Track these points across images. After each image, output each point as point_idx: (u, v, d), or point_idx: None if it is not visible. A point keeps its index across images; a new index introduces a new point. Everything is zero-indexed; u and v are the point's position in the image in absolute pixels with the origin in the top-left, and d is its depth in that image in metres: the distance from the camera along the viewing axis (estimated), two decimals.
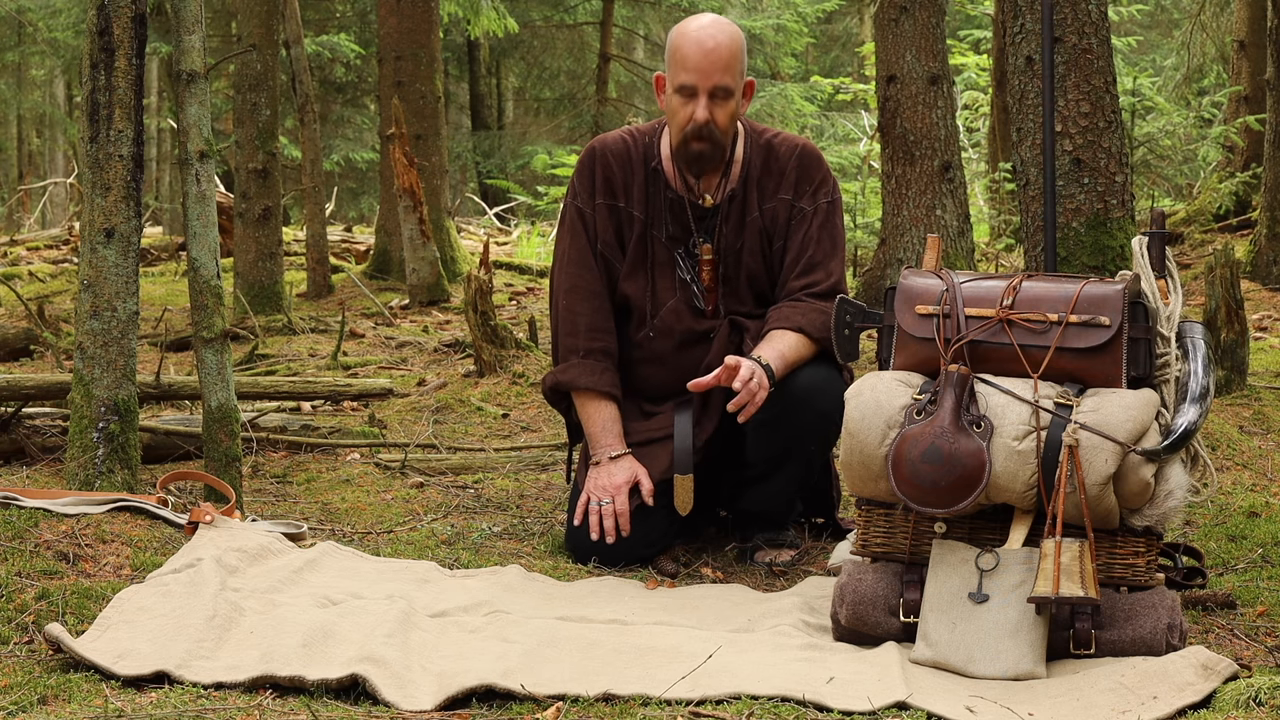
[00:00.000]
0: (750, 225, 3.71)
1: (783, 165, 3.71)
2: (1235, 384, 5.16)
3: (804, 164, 3.72)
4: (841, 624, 3.02)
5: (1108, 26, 5.52)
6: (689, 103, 3.57)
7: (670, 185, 3.72)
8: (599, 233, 3.74)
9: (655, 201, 3.72)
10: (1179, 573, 3.30)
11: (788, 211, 3.71)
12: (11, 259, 12.67)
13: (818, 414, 3.54)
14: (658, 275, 3.73)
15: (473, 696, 2.63)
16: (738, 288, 3.73)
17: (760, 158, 3.72)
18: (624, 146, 3.75)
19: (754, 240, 3.71)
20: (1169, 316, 3.04)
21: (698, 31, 3.57)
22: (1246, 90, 11.10)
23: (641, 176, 3.73)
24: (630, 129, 3.81)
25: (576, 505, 3.68)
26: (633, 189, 3.72)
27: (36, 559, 3.26)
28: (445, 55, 16.72)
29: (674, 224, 3.72)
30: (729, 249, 3.71)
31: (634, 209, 3.72)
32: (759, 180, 3.71)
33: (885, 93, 6.86)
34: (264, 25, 9.01)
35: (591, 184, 3.74)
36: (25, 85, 20.68)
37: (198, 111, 3.96)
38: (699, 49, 3.54)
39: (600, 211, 3.73)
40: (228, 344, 3.97)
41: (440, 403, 5.69)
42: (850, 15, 21.11)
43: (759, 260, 3.72)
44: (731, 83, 3.57)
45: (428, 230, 9.16)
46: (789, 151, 3.73)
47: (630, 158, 3.73)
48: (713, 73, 3.54)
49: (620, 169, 3.73)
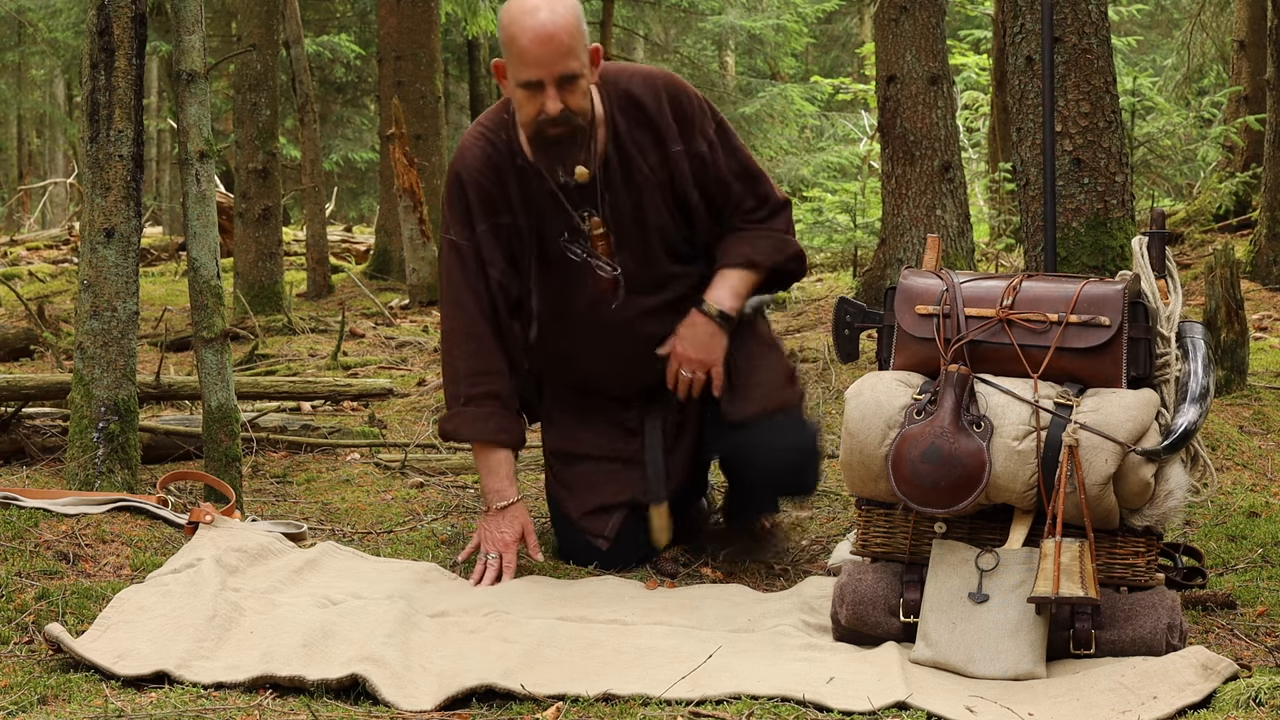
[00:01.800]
0: (645, 183, 3.50)
1: (653, 113, 3.49)
2: (1235, 384, 5.16)
3: (676, 105, 3.49)
4: (841, 624, 3.02)
5: (1108, 26, 5.52)
6: (537, 95, 3.33)
7: (541, 176, 3.48)
8: (487, 260, 3.52)
9: (536, 198, 3.51)
10: (1179, 573, 3.30)
11: (688, 162, 3.51)
12: (11, 259, 12.67)
13: (773, 481, 3.58)
14: (564, 273, 3.55)
15: (473, 696, 2.63)
16: (648, 249, 3.54)
17: (625, 112, 3.49)
18: (486, 157, 3.50)
19: (654, 196, 3.51)
20: (1169, 316, 3.04)
21: (532, 20, 3.28)
22: (1246, 90, 11.10)
23: (514, 180, 3.50)
24: (482, 131, 3.54)
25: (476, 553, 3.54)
26: (511, 197, 3.50)
27: (36, 559, 3.26)
28: (445, 55, 16.70)
29: (559, 214, 3.51)
30: (622, 213, 3.51)
31: (518, 218, 3.51)
32: (632, 135, 3.49)
33: (885, 93, 6.86)
34: (264, 25, 9.02)
35: (467, 213, 3.51)
36: (25, 85, 20.69)
37: (198, 111, 3.96)
38: (537, 41, 3.27)
39: (484, 239, 3.51)
40: (228, 344, 3.97)
41: (440, 403, 5.69)
42: (850, 15, 21.12)
43: (667, 215, 3.54)
44: (578, 66, 3.32)
45: (428, 230, 9.16)
46: (653, 96, 3.48)
47: (496, 166, 3.50)
48: (555, 62, 3.29)
49: (491, 183, 3.50)
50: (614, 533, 3.62)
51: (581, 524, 3.64)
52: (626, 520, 3.64)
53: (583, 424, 3.72)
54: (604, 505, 3.64)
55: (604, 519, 3.64)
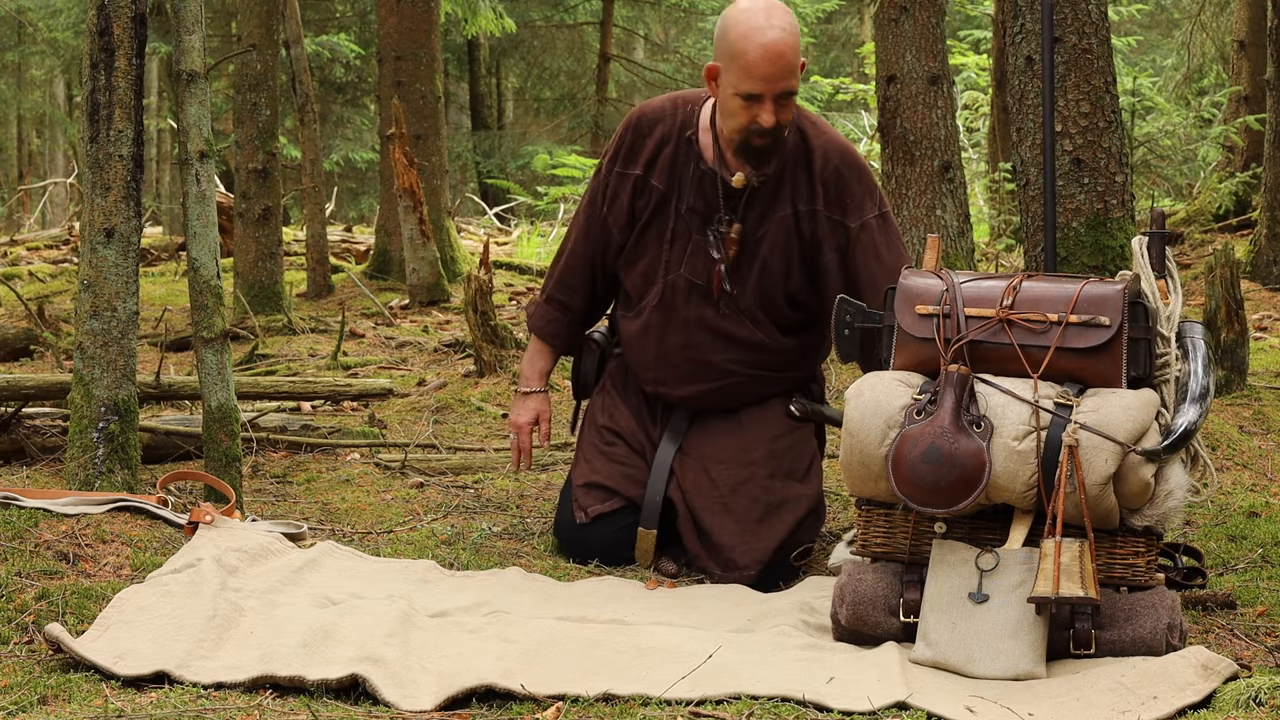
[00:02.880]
0: (779, 220, 3.61)
1: (817, 168, 3.59)
2: (1235, 384, 5.16)
3: (843, 176, 3.59)
4: (841, 624, 3.02)
5: (1108, 26, 5.52)
6: (753, 107, 3.45)
7: (703, 158, 3.62)
8: (609, 198, 3.72)
9: (681, 173, 3.64)
10: (1179, 573, 3.30)
11: (835, 233, 3.59)
12: (11, 259, 12.67)
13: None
14: (668, 247, 3.66)
15: (473, 696, 2.63)
16: (746, 276, 3.63)
17: (797, 150, 3.60)
18: (662, 114, 3.68)
19: (779, 234, 3.61)
20: (1169, 316, 3.04)
21: (764, 37, 3.40)
22: (1246, 90, 11.10)
23: (673, 146, 3.65)
24: (676, 96, 3.73)
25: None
26: (659, 157, 3.65)
27: (36, 559, 3.26)
28: (445, 55, 16.71)
29: (698, 198, 3.63)
30: (749, 235, 3.61)
31: (654, 179, 3.66)
32: (792, 174, 3.60)
33: (885, 93, 6.86)
34: (264, 25, 9.01)
35: (617, 150, 3.72)
36: (25, 85, 20.68)
37: (198, 111, 3.96)
38: (767, 59, 3.40)
39: (614, 179, 3.71)
40: (228, 344, 3.97)
41: (440, 403, 5.69)
42: (850, 15, 21.11)
43: (779, 256, 3.62)
44: (796, 84, 3.47)
45: (428, 230, 9.16)
46: (824, 153, 3.60)
47: (666, 125, 3.66)
48: (780, 80, 3.42)
49: (652, 137, 3.66)
50: (596, 515, 3.67)
51: (576, 492, 3.73)
52: (616, 513, 3.68)
53: (625, 403, 3.82)
54: (605, 486, 3.70)
55: (597, 498, 3.69)
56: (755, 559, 3.54)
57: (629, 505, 3.67)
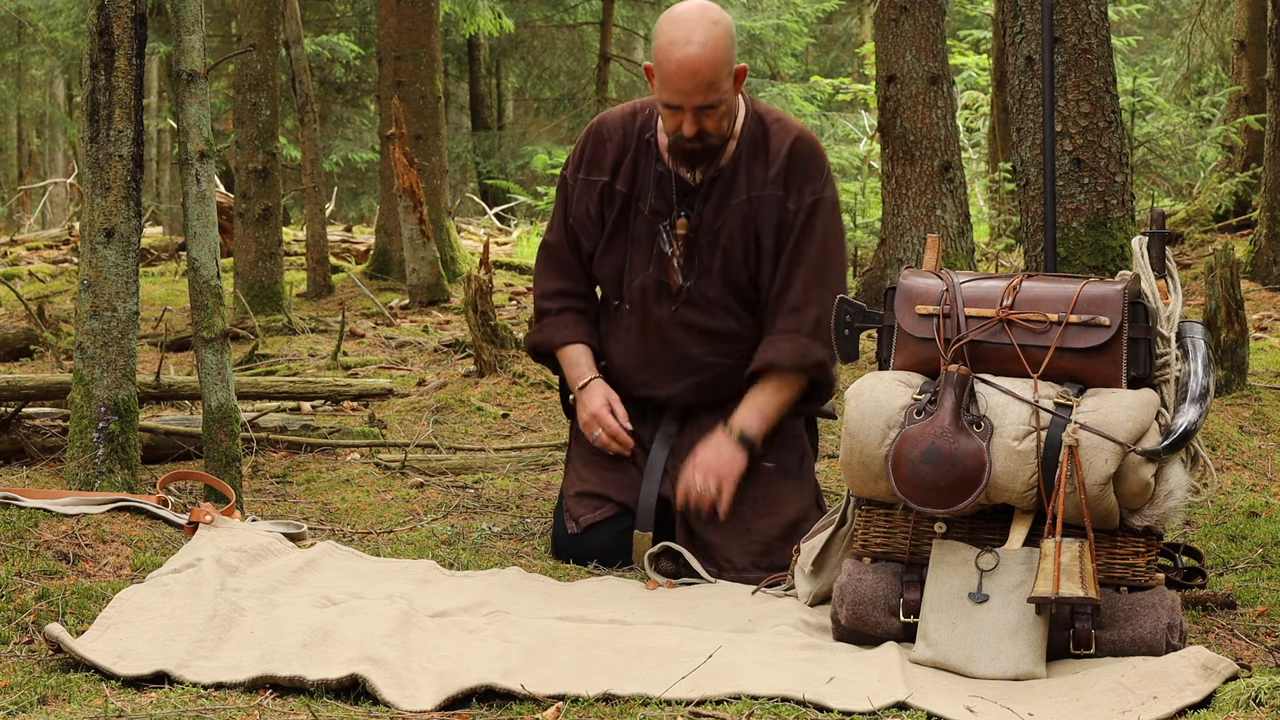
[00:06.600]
0: (735, 208, 3.64)
1: (773, 153, 3.63)
2: (1235, 384, 5.16)
3: (795, 155, 3.63)
4: (841, 624, 3.02)
5: (1108, 26, 5.52)
6: (676, 114, 3.52)
7: (661, 159, 3.68)
8: (573, 204, 3.76)
9: (644, 175, 3.69)
10: (1179, 573, 3.30)
11: (778, 210, 3.63)
12: (11, 259, 12.67)
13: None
14: (634, 249, 3.71)
15: (473, 696, 2.63)
16: (710, 267, 3.66)
17: (753, 140, 3.65)
18: (621, 121, 3.74)
19: (736, 222, 3.64)
20: (1169, 316, 3.04)
21: (680, 52, 3.43)
22: (1246, 90, 11.10)
23: (634, 149, 3.70)
24: (637, 102, 3.79)
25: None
26: (622, 163, 3.71)
27: (36, 559, 3.26)
28: (445, 55, 16.72)
29: (658, 198, 3.68)
30: (706, 226, 3.65)
31: (619, 184, 3.71)
32: (748, 164, 3.64)
33: (885, 93, 6.86)
34: (264, 25, 9.01)
35: (580, 157, 3.77)
36: (25, 85, 20.68)
37: (198, 111, 3.96)
38: (681, 74, 3.45)
39: (579, 186, 3.75)
40: (228, 344, 3.97)
41: (440, 403, 5.69)
42: (850, 15, 21.12)
43: (738, 244, 3.64)
44: (717, 97, 3.48)
45: (428, 230, 9.16)
46: (781, 139, 3.64)
47: (626, 131, 3.72)
48: (695, 94, 3.46)
49: (613, 143, 3.72)
50: (588, 524, 3.66)
51: (568, 503, 3.72)
52: (609, 520, 3.67)
53: None
54: (597, 494, 3.69)
55: (589, 506, 3.68)
56: (750, 559, 3.54)
57: (623, 511, 3.67)
